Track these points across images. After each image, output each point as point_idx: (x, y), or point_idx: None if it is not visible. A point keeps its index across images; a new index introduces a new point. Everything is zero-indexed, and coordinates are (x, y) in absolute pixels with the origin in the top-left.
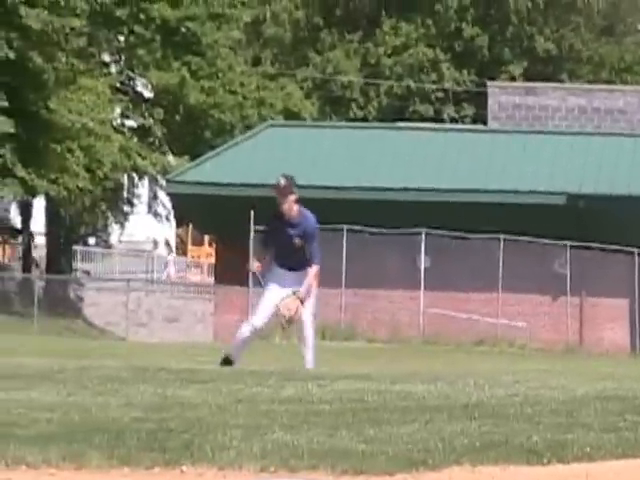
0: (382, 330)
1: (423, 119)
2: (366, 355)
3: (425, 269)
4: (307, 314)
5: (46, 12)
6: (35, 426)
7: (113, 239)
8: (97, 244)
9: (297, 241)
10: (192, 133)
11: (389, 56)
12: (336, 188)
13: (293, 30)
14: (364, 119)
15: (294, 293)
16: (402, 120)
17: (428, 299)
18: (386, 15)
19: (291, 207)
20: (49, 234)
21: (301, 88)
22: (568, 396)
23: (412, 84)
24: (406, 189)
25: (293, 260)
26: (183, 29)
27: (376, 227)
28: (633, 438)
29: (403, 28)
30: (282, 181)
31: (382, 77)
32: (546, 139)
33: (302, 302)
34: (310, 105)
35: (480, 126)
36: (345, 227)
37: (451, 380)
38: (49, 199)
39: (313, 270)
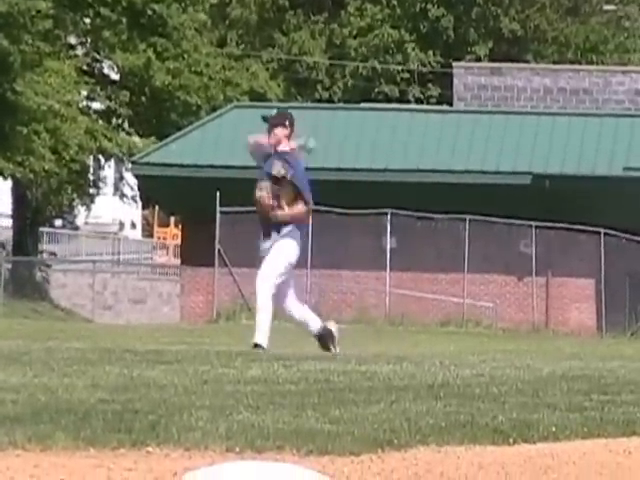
0: (348, 311)
1: (389, 100)
2: None
3: (391, 250)
4: (265, 277)
5: None
6: (0, 408)
7: (79, 221)
8: (63, 226)
9: (276, 170)
10: (158, 115)
11: (354, 37)
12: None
13: (258, 11)
14: (330, 100)
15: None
16: (368, 101)
17: (394, 280)
18: None
19: (278, 140)
20: (15, 216)
21: (267, 69)
22: (534, 376)
23: (377, 65)
24: (371, 170)
25: (271, 214)
26: (149, 11)
27: (342, 208)
28: (599, 417)
29: (368, 9)
30: (274, 112)
31: (347, 58)
32: (511, 119)
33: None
34: (276, 86)
35: (446, 107)
36: None
37: (417, 360)
38: (15, 181)
39: (300, 206)
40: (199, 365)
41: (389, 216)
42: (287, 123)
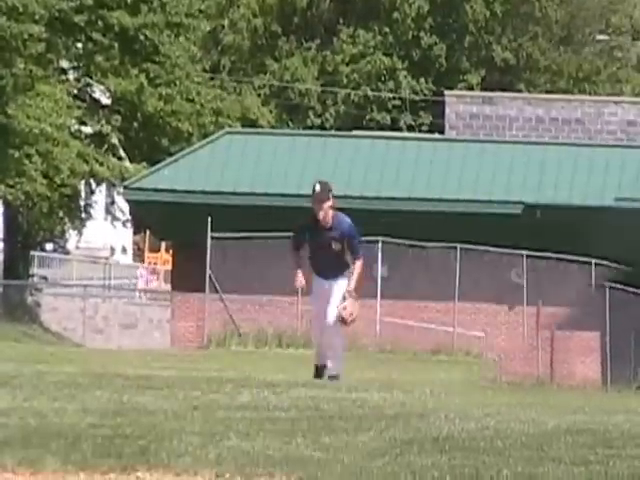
0: None
1: (380, 127)
2: None
3: (382, 278)
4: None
5: (4, 18)
6: None
7: (70, 245)
8: (54, 250)
9: (335, 245)
10: (149, 140)
11: (347, 64)
12: (293, 196)
13: (251, 37)
14: (322, 127)
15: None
16: (359, 128)
17: (385, 308)
18: (344, 23)
19: (327, 214)
20: (6, 239)
21: (258, 95)
22: (539, 429)
23: (369, 92)
24: (363, 197)
25: (332, 266)
26: (141, 37)
27: None
28: (604, 472)
29: (361, 36)
30: (317, 187)
31: (339, 85)
32: (503, 148)
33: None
34: (268, 112)
35: (437, 135)
36: None
37: (407, 388)
38: (7, 204)
39: (358, 264)
40: (189, 391)
41: (380, 244)
42: (330, 195)
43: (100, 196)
